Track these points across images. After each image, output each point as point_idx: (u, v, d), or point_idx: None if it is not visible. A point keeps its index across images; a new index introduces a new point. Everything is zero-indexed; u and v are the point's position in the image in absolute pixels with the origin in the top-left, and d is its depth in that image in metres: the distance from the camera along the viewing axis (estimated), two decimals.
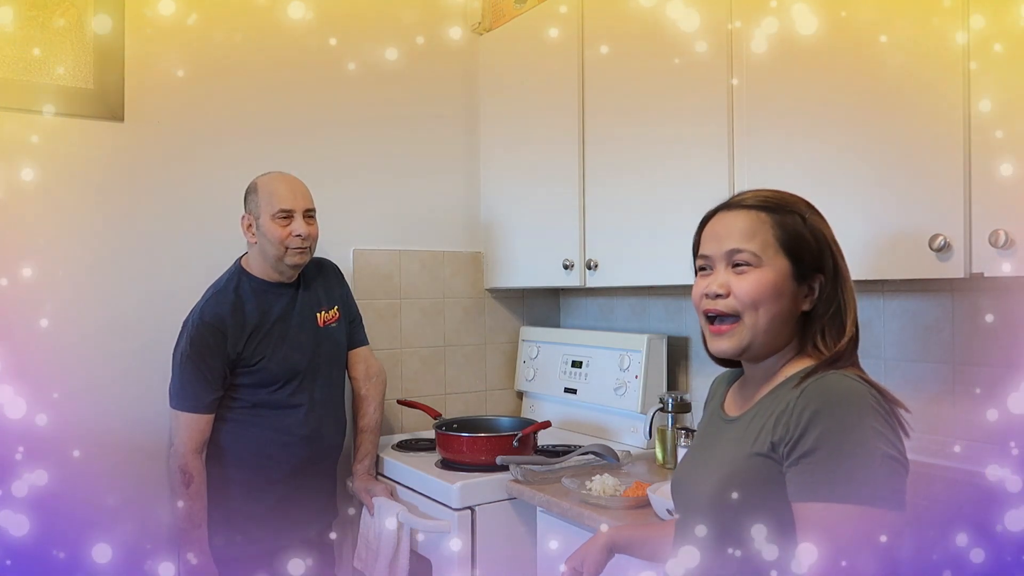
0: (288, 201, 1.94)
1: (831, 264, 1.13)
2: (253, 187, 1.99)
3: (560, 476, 1.90)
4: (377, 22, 2.47)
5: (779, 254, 1.11)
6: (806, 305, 1.13)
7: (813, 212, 1.16)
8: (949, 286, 1.68)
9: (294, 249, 1.96)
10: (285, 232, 1.94)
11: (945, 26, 1.37)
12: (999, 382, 1.60)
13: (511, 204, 2.54)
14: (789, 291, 1.11)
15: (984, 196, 1.34)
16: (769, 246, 1.12)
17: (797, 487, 1.02)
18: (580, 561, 1.38)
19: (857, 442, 0.98)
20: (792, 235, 1.12)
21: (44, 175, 1.99)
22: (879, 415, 1.01)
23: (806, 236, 1.12)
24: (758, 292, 1.11)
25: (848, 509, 0.97)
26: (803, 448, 1.01)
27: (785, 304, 1.12)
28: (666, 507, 1.59)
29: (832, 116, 1.56)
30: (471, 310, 2.67)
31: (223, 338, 1.90)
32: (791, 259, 1.11)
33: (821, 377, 1.06)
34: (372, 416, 2.17)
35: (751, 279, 1.11)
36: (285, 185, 1.97)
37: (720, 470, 1.12)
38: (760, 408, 1.12)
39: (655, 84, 1.96)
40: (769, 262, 1.11)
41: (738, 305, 1.12)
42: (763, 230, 1.12)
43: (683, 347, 2.33)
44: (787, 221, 1.12)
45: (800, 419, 1.02)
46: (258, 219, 1.95)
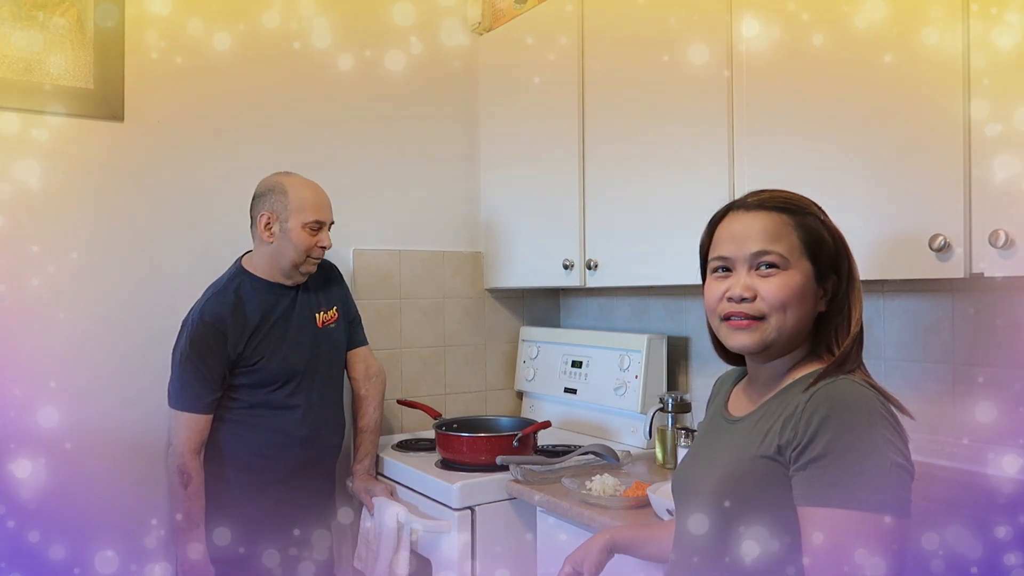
0: (322, 213, 1.98)
1: (846, 265, 1.14)
2: (278, 187, 1.96)
3: (560, 476, 1.90)
4: (377, 22, 2.47)
5: (803, 257, 1.11)
6: (821, 307, 1.13)
7: (824, 213, 1.16)
8: (949, 286, 1.68)
9: (313, 259, 1.99)
10: (312, 241, 1.96)
11: (945, 25, 1.37)
12: (999, 382, 1.60)
13: (511, 204, 2.54)
14: (811, 293, 1.12)
15: (984, 196, 1.34)
16: (795, 248, 1.11)
17: (804, 491, 1.02)
18: (580, 560, 1.38)
19: (867, 449, 0.99)
20: (814, 237, 1.12)
21: (44, 175, 1.99)
22: (888, 423, 1.01)
23: (825, 238, 1.13)
24: (787, 295, 1.10)
25: (855, 516, 0.97)
26: (812, 453, 1.01)
27: (810, 307, 1.12)
28: (666, 507, 1.59)
29: (832, 116, 1.56)
30: (471, 310, 2.67)
31: (223, 338, 1.90)
32: (812, 261, 1.12)
33: (832, 382, 1.06)
34: (372, 416, 2.17)
35: (778, 282, 1.10)
36: (318, 195, 1.99)
37: (722, 470, 1.12)
38: (767, 410, 1.12)
39: (655, 84, 1.96)
40: (796, 264, 1.11)
41: (765, 308, 1.10)
42: (787, 232, 1.12)
43: (683, 347, 2.33)
44: (808, 223, 1.13)
45: (810, 424, 1.02)
46: (285, 222, 1.94)
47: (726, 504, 1.09)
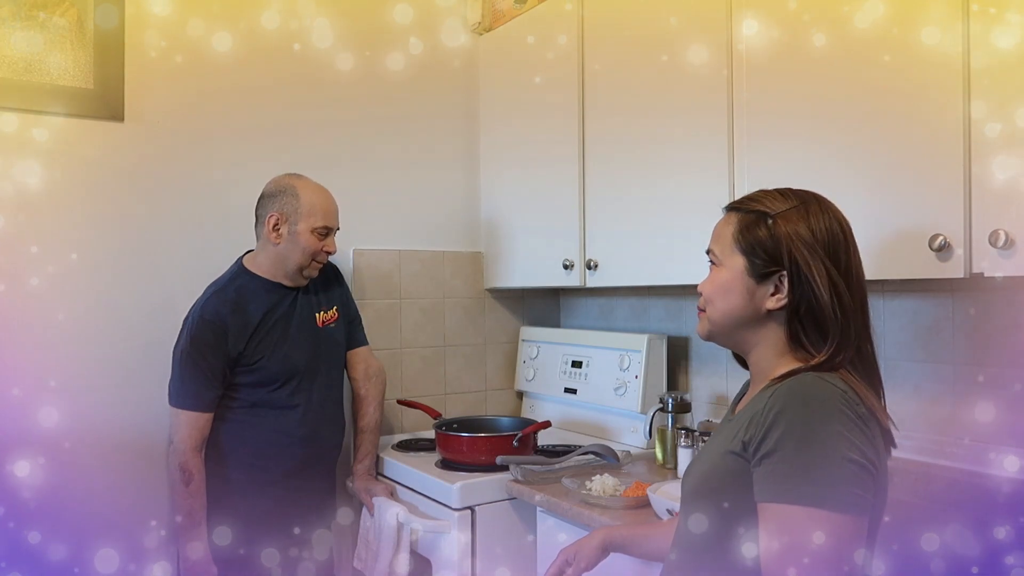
0: (331, 219, 2.00)
1: (794, 262, 1.09)
2: (290, 189, 1.97)
3: (560, 476, 1.90)
4: (377, 22, 2.47)
5: (735, 252, 1.15)
6: (771, 303, 1.12)
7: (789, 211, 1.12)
8: (949, 286, 1.68)
9: (318, 263, 2.01)
10: (319, 246, 1.98)
11: (945, 25, 1.37)
12: (999, 382, 1.60)
13: (511, 204, 2.54)
14: (741, 288, 1.13)
15: (984, 196, 1.34)
16: (727, 245, 1.16)
17: (759, 487, 1.03)
18: (573, 554, 1.39)
19: (817, 444, 0.98)
20: (746, 233, 1.14)
21: (44, 175, 1.99)
22: (847, 419, 1.00)
23: (760, 234, 1.12)
24: (711, 289, 1.18)
25: (801, 511, 0.98)
26: (766, 448, 1.02)
27: (736, 301, 1.14)
28: (666, 507, 1.59)
29: (832, 116, 1.56)
30: (471, 310, 2.67)
31: (223, 336, 1.90)
32: (746, 257, 1.13)
33: (795, 378, 1.06)
34: (372, 416, 2.17)
35: (709, 277, 1.19)
36: (328, 200, 2.01)
37: (702, 466, 1.17)
38: (748, 407, 1.13)
39: (655, 84, 1.96)
40: (726, 260, 1.16)
41: (702, 301, 1.20)
42: (726, 230, 1.17)
43: (683, 347, 2.33)
44: (747, 219, 1.14)
45: (766, 419, 1.03)
46: (294, 225, 1.95)
47: (698, 499, 1.13)
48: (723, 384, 2.22)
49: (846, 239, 1.12)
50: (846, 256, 1.11)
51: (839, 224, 1.13)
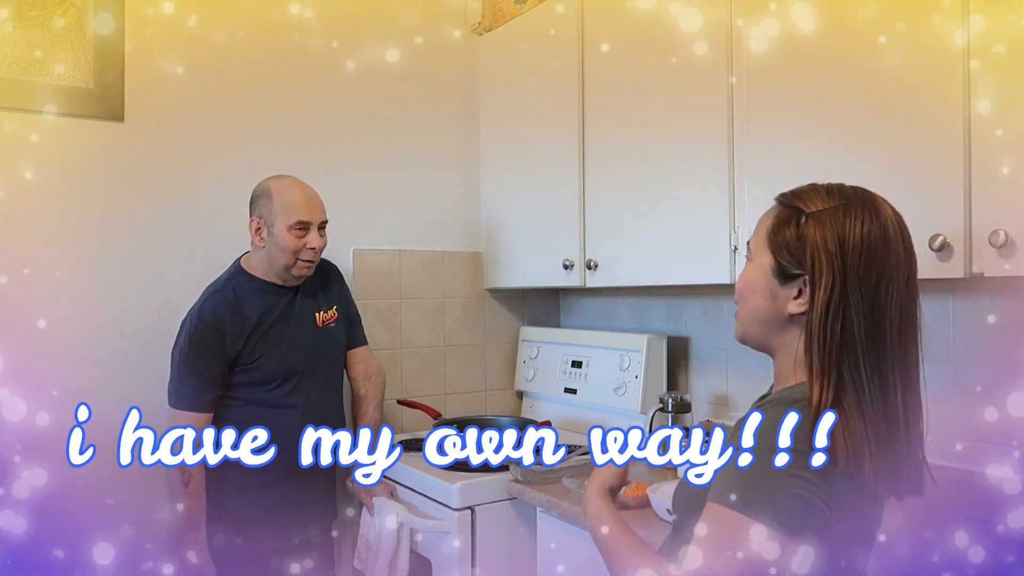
0: (306, 213, 1.95)
1: (817, 269, 1.00)
2: (265, 192, 1.96)
3: (560, 476, 1.90)
4: (377, 22, 2.47)
5: (765, 249, 1.06)
6: (793, 307, 1.03)
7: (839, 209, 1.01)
8: (949, 286, 1.68)
9: (304, 261, 1.97)
10: (300, 243, 1.94)
11: (945, 25, 1.37)
12: (999, 382, 1.60)
13: (511, 204, 2.54)
14: (765, 288, 1.06)
15: (984, 196, 1.34)
16: (761, 240, 1.08)
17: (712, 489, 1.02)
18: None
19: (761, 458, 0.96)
20: (778, 230, 1.05)
21: (44, 175, 1.99)
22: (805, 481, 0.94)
23: (788, 234, 1.03)
24: (740, 285, 1.11)
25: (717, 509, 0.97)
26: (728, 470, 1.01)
27: (760, 301, 1.07)
28: (666, 507, 1.58)
29: (832, 116, 1.56)
30: (471, 310, 2.66)
31: (222, 337, 1.90)
32: (773, 255, 1.05)
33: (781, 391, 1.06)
34: (372, 416, 2.17)
35: (742, 273, 1.11)
36: (303, 195, 1.96)
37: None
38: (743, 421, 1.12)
39: (655, 84, 1.96)
40: (757, 256, 1.08)
41: (736, 298, 1.13)
42: (764, 224, 1.08)
43: (683, 347, 2.33)
44: (783, 215, 1.05)
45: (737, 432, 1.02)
46: (272, 226, 1.94)
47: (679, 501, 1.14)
48: (723, 384, 2.21)
49: (886, 248, 0.99)
50: (880, 268, 0.99)
51: (882, 231, 1.00)
